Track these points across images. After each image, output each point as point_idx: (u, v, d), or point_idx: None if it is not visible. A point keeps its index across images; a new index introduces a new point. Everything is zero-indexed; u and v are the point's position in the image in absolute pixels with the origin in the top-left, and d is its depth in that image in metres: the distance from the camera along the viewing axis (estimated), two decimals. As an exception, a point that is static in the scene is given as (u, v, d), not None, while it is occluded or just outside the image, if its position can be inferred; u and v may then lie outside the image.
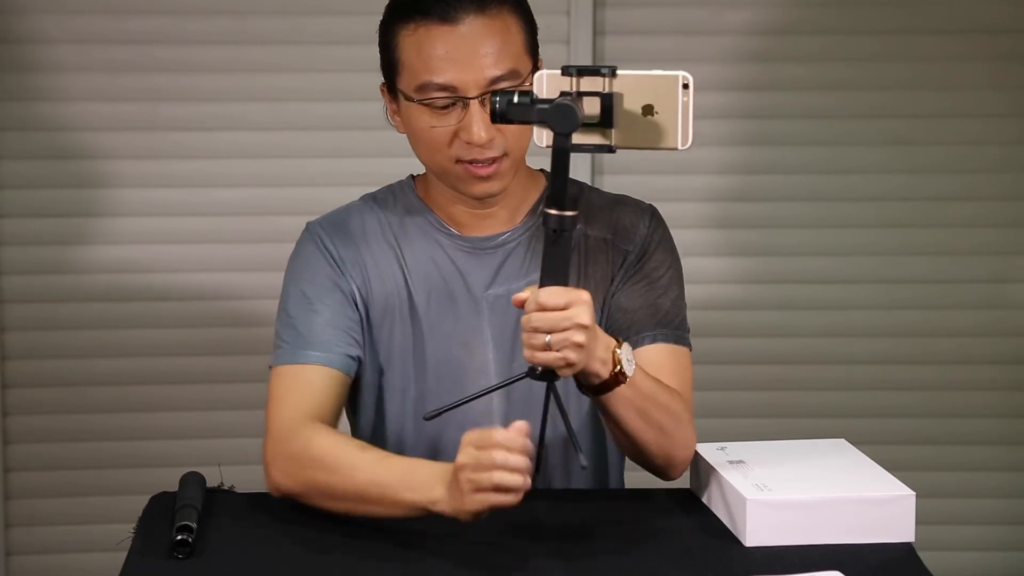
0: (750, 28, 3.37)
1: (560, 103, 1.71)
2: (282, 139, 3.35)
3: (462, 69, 1.98)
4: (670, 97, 1.73)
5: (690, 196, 3.39)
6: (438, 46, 1.99)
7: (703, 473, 1.97)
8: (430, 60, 1.99)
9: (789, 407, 3.44)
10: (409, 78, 2.01)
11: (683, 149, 1.74)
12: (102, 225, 3.35)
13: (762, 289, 3.43)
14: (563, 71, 1.74)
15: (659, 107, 1.73)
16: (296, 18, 3.35)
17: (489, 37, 1.99)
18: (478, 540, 1.81)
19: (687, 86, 1.72)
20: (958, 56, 3.39)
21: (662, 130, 1.73)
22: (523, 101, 1.75)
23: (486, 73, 1.98)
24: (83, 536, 3.36)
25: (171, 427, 3.38)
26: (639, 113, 1.73)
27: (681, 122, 1.73)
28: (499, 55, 1.99)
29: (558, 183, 1.74)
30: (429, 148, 2.02)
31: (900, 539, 1.82)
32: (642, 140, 1.74)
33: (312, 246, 2.11)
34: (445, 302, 2.08)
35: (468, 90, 1.98)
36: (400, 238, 2.10)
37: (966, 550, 3.47)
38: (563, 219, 1.74)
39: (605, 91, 1.73)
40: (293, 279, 2.10)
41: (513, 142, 2.01)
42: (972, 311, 3.44)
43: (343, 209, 2.15)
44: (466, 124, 1.99)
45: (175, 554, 1.79)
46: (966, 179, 3.42)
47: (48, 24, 3.29)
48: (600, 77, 1.73)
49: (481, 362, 2.07)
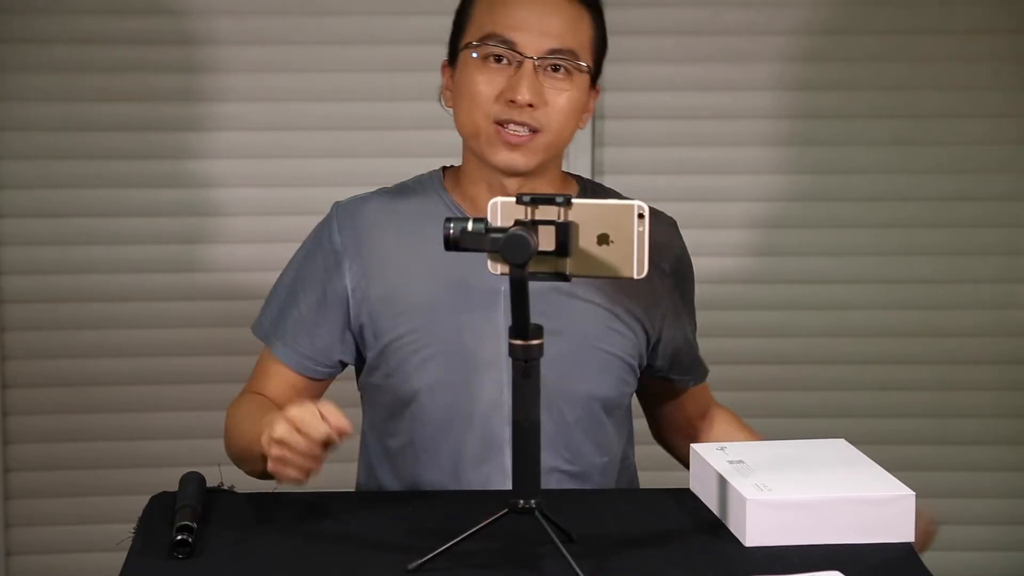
0: (750, 28, 3.37)
1: (513, 233, 1.66)
2: (282, 139, 3.35)
3: (527, 31, 2.03)
4: (625, 227, 1.70)
5: (690, 196, 3.39)
6: (512, 4, 2.04)
7: (703, 473, 1.97)
8: (500, 14, 2.04)
9: (789, 407, 3.44)
10: (475, 30, 2.06)
11: (638, 279, 1.72)
12: (102, 225, 3.35)
13: (762, 289, 3.43)
14: (517, 199, 1.70)
15: (614, 236, 1.70)
16: (296, 18, 3.35)
17: (561, 13, 2.05)
18: (479, 539, 1.80)
19: (643, 216, 1.70)
20: (958, 56, 3.39)
21: (618, 259, 1.71)
22: (477, 229, 1.69)
23: (548, 41, 2.03)
24: (83, 536, 3.36)
25: (171, 427, 3.38)
26: (595, 242, 1.71)
27: (636, 251, 1.71)
28: (564, 31, 2.04)
29: (519, 313, 1.69)
30: (471, 104, 2.05)
31: (900, 539, 1.82)
32: (597, 269, 1.72)
33: (324, 235, 2.14)
34: (460, 293, 2.08)
35: (526, 49, 2.02)
36: (418, 225, 2.11)
37: (966, 550, 3.47)
38: (529, 348, 1.70)
39: (560, 220, 1.70)
40: (299, 256, 2.18)
41: (555, 120, 2.04)
42: (972, 311, 3.45)
43: (367, 196, 2.17)
44: (514, 83, 2.02)
45: (175, 554, 1.79)
46: (966, 179, 3.42)
47: (48, 24, 3.30)
48: (555, 206, 1.70)
49: (493, 354, 2.08)
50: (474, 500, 2.00)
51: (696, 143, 3.40)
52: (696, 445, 2.02)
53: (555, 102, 2.04)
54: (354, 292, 2.11)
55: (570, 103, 2.05)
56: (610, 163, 3.38)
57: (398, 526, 1.89)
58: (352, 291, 2.11)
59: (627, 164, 3.38)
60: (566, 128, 2.06)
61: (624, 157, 3.39)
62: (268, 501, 1.97)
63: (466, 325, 2.08)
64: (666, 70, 3.37)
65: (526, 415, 1.71)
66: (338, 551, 1.82)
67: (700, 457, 1.98)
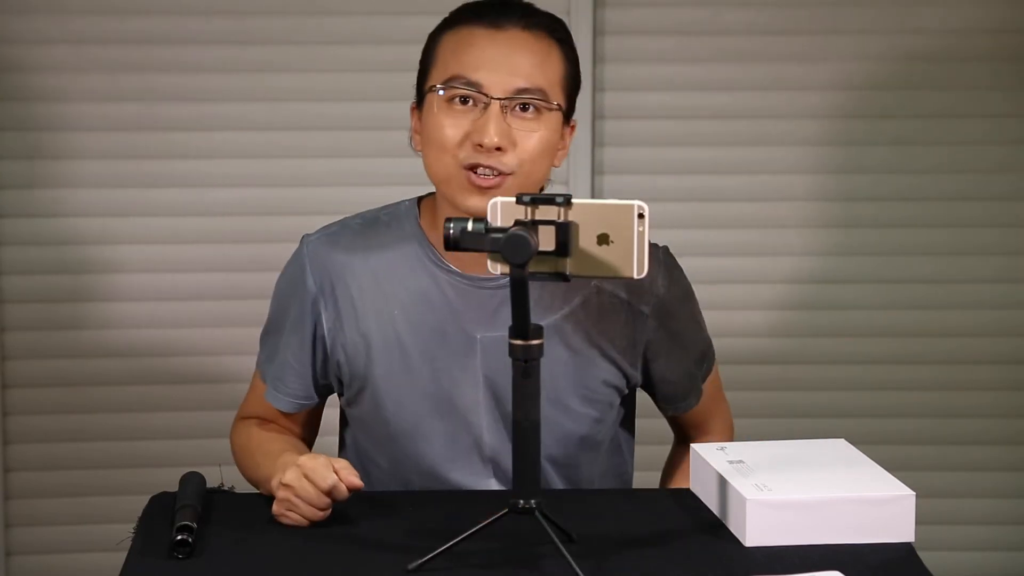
0: (750, 28, 3.37)
1: (513, 233, 1.66)
2: (282, 139, 3.35)
3: (493, 71, 1.97)
4: (625, 227, 1.70)
5: (690, 196, 3.39)
6: (476, 44, 1.99)
7: (703, 473, 1.97)
8: (466, 56, 1.99)
9: (789, 407, 3.44)
10: (441, 71, 2.02)
11: (638, 279, 1.72)
12: (102, 225, 3.34)
13: (762, 289, 3.43)
14: (517, 199, 1.70)
15: (614, 236, 1.70)
16: (296, 18, 3.35)
17: (527, 50, 1.99)
18: (478, 539, 1.80)
19: (642, 216, 1.70)
20: (958, 56, 3.39)
21: (618, 259, 1.71)
22: (477, 229, 1.69)
23: (514, 81, 1.97)
24: (83, 536, 3.36)
25: (171, 427, 3.38)
26: (595, 242, 1.71)
27: (636, 251, 1.70)
28: (531, 70, 1.98)
29: (519, 313, 1.69)
30: (439, 148, 2.00)
31: (900, 539, 1.82)
32: (597, 269, 1.72)
33: (297, 277, 2.12)
34: (435, 337, 2.06)
35: (492, 90, 1.97)
36: (391, 268, 2.08)
37: (966, 550, 3.47)
38: (529, 348, 1.70)
39: (560, 220, 1.70)
40: (277, 294, 2.17)
41: (525, 163, 1.98)
42: (972, 311, 3.44)
43: (339, 228, 2.13)
44: (480, 125, 1.97)
45: (175, 554, 1.79)
46: (966, 179, 3.42)
47: (47, 24, 3.29)
48: (555, 206, 1.70)
49: (472, 401, 2.07)
50: (474, 500, 2.00)
51: (696, 143, 3.40)
52: (696, 445, 2.03)
53: (524, 144, 1.98)
54: (330, 332, 2.10)
55: (540, 144, 1.99)
56: (610, 163, 3.38)
57: (398, 526, 1.89)
58: (328, 331, 2.10)
59: (627, 164, 3.38)
60: (537, 169, 2.00)
61: (624, 157, 3.39)
62: (268, 501, 1.97)
63: (443, 371, 2.07)
64: (666, 70, 3.37)
65: (526, 415, 1.71)
66: (338, 551, 1.82)
67: (700, 457, 1.99)
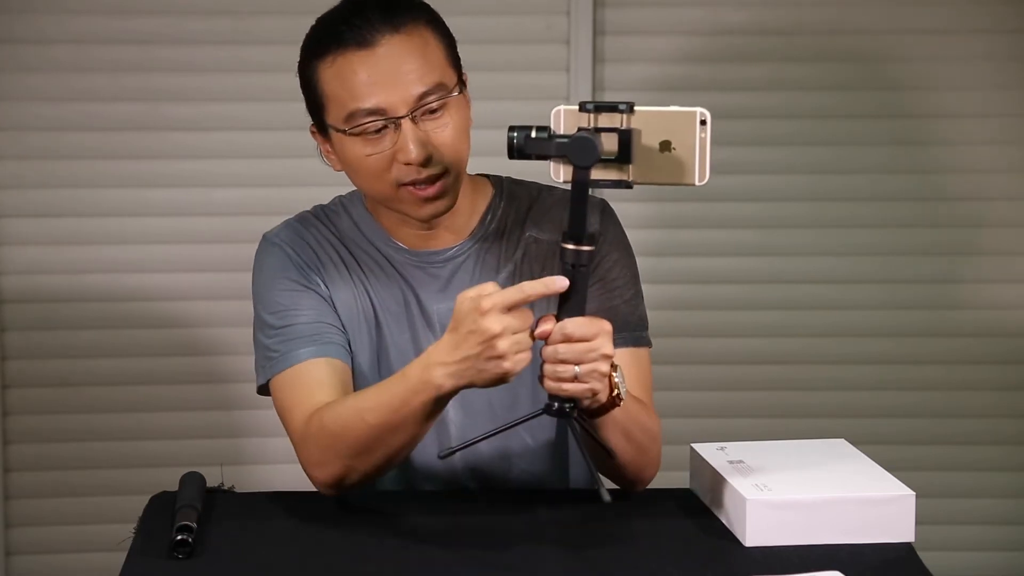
0: (750, 28, 3.37)
1: (580, 136, 1.70)
2: (282, 139, 3.35)
3: (387, 90, 1.95)
4: (688, 133, 1.72)
5: (690, 195, 3.39)
6: (359, 71, 1.96)
7: (703, 473, 1.97)
8: (354, 87, 1.96)
9: (789, 407, 3.44)
10: (337, 110, 1.99)
11: (700, 185, 1.74)
12: (102, 225, 3.35)
13: (762, 289, 3.43)
14: (580, 107, 1.73)
15: (676, 143, 1.73)
16: (296, 18, 3.31)
17: (409, 54, 1.97)
18: (478, 539, 1.81)
19: (704, 122, 1.72)
20: (958, 56, 3.39)
21: (680, 166, 1.73)
22: (540, 136, 1.73)
23: (412, 90, 1.95)
24: (83, 536, 3.36)
25: (171, 427, 3.38)
26: (656, 149, 1.73)
27: (698, 158, 1.73)
28: (422, 71, 1.96)
29: (576, 217, 1.73)
30: (369, 177, 1.99)
31: (900, 539, 1.82)
32: (659, 176, 1.74)
33: (278, 253, 2.09)
34: (400, 315, 2.07)
35: (397, 110, 1.95)
36: (354, 252, 2.09)
37: (966, 550, 3.47)
38: (580, 253, 1.74)
39: (623, 127, 1.72)
40: (266, 289, 2.09)
41: (451, 157, 1.98)
42: (972, 311, 3.44)
43: (297, 221, 2.13)
44: (401, 145, 1.96)
45: (175, 554, 1.79)
46: (966, 179, 3.42)
47: (48, 24, 3.30)
48: (617, 113, 1.72)
49: None
50: (474, 500, 2.01)
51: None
52: (696, 445, 2.02)
53: (443, 139, 1.97)
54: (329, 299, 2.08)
55: (456, 131, 1.98)
56: (610, 163, 3.37)
57: (398, 526, 1.89)
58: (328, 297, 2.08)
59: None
60: (462, 152, 2.00)
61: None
62: (268, 501, 1.97)
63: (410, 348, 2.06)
64: (666, 70, 3.37)
65: None
66: (338, 551, 1.82)
67: (700, 457, 1.98)
